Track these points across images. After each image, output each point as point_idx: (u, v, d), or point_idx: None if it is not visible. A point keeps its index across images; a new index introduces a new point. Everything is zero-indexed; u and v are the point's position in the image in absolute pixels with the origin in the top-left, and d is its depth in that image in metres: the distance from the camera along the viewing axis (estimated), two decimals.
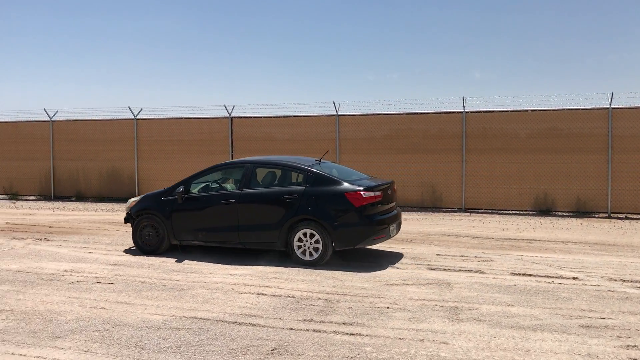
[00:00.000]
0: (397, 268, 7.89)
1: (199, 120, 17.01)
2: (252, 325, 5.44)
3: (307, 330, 5.27)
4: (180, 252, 9.05)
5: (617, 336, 5.02)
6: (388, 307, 5.98)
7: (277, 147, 16.06)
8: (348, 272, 7.62)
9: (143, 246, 9.05)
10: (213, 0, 44.85)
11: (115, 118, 17.91)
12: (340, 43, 43.21)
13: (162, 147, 17.34)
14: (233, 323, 5.50)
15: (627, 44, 36.52)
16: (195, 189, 8.91)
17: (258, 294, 6.58)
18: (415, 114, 14.98)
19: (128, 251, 9.31)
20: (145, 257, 8.74)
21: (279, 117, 16.23)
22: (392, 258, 8.56)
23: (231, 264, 8.20)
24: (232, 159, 16.49)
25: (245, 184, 8.55)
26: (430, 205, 14.75)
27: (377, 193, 8.11)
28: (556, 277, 7.28)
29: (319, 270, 7.73)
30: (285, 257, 8.48)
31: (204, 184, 9.00)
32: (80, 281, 7.27)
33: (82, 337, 5.13)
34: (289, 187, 8.35)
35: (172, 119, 17.32)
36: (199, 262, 8.35)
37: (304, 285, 6.92)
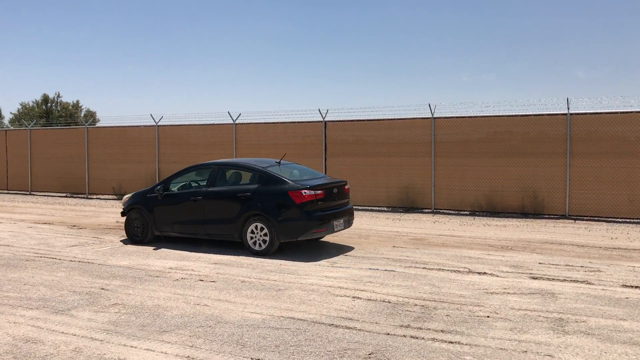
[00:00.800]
0: (496, 276, 7.62)
1: (294, 124, 17.33)
2: (349, 328, 5.45)
3: (405, 336, 5.21)
4: (280, 253, 9.25)
5: None
6: (488, 316, 5.79)
7: (369, 150, 16.02)
8: (444, 279, 7.46)
9: (132, 236, 10.54)
10: (308, 7, 45.70)
11: (215, 123, 18.63)
12: (435, 44, 42.56)
13: (258, 150, 17.81)
14: (330, 325, 5.54)
15: None
16: (174, 187, 10.31)
17: (353, 297, 6.58)
18: (515, 116, 14.41)
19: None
20: (244, 257, 9.01)
21: (372, 120, 16.19)
22: (489, 265, 8.28)
23: (327, 266, 8.28)
24: (325, 162, 16.66)
25: (211, 183, 9.87)
26: (531, 211, 14.12)
27: (319, 192, 9.19)
28: None
29: (414, 275, 7.62)
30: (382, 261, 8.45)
31: (182, 183, 10.40)
32: (184, 278, 7.62)
33: (187, 333, 5.37)
34: (244, 186, 9.60)
35: (268, 123, 17.77)
36: (295, 263, 8.50)
37: (400, 291, 6.85)
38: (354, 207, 16.09)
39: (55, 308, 6.27)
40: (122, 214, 10.77)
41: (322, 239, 10.60)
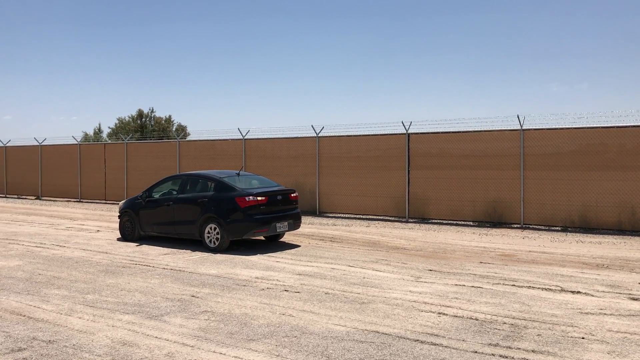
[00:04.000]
0: (592, 295, 7.22)
1: (376, 137, 17.30)
2: (434, 344, 5.35)
3: (493, 355, 5.05)
4: (352, 264, 9.24)
5: None
6: (583, 338, 5.50)
7: (454, 163, 15.69)
8: (535, 297, 7.15)
9: (124, 235, 12.58)
10: (392, 19, 45.64)
11: (299, 136, 18.96)
12: (522, 53, 41.18)
13: (341, 163, 17.93)
14: (415, 341, 5.47)
15: None
16: (156, 195, 12.18)
17: (439, 313, 6.46)
18: (610, 127, 13.66)
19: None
20: (328, 269, 9.07)
21: (457, 132, 15.86)
22: (584, 284, 7.86)
23: (411, 280, 8.18)
24: (408, 175, 16.50)
25: (181, 190, 11.83)
26: (629, 228, 13.29)
27: (261, 198, 10.84)
28: None
29: (502, 293, 7.37)
30: (463, 275, 8.23)
31: (162, 191, 12.20)
32: (270, 288, 7.78)
33: (273, 342, 5.47)
34: (204, 193, 11.39)
35: (350, 136, 17.85)
36: (379, 275, 8.45)
37: (487, 308, 6.65)
38: (440, 220, 15.86)
39: (149, 313, 6.58)
40: (119, 217, 12.74)
41: (408, 253, 10.48)
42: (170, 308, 6.80)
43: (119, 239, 12.73)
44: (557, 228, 14.06)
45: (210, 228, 10.99)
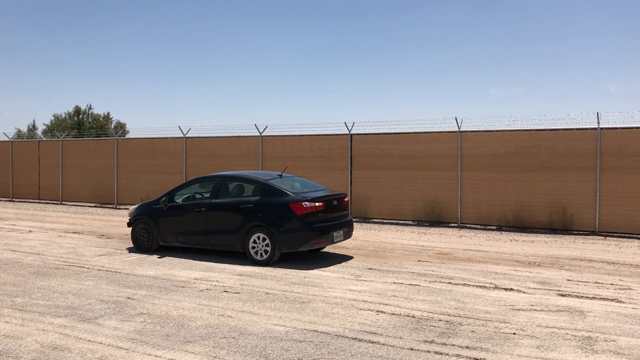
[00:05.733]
0: (523, 292, 7.50)
1: (319, 137, 17.38)
2: (372, 342, 5.41)
3: (429, 351, 5.15)
4: (297, 263, 9.27)
5: None
6: (514, 333, 5.70)
7: (395, 163, 15.96)
8: (470, 294, 7.37)
9: (138, 246, 10.77)
10: (335, 21, 45.98)
11: (242, 135, 18.81)
12: (463, 57, 42.35)
13: (284, 162, 17.86)
14: (353, 339, 5.52)
15: None
16: (179, 199, 10.54)
17: (377, 311, 6.55)
18: (543, 130, 14.22)
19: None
20: (269, 269, 9.04)
21: (398, 133, 16.13)
22: (517, 281, 8.15)
23: (351, 279, 8.25)
24: (350, 175, 16.65)
25: (215, 194, 10.13)
26: (560, 227, 13.87)
27: (319, 204, 9.42)
28: None
29: (439, 290, 7.55)
30: (401, 274, 8.40)
31: (186, 195, 10.60)
32: (209, 289, 7.67)
33: (211, 343, 5.40)
34: (247, 198, 9.86)
35: (294, 135, 17.85)
36: (320, 273, 8.49)
37: (424, 306, 6.79)
38: (381, 219, 16.10)
39: (82, 316, 6.36)
40: (129, 224, 11.07)
41: (349, 252, 10.58)
42: (104, 310, 6.60)
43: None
44: (492, 227, 14.52)
45: (258, 238, 9.46)
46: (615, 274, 8.74)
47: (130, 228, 11.06)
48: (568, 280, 8.29)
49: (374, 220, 16.11)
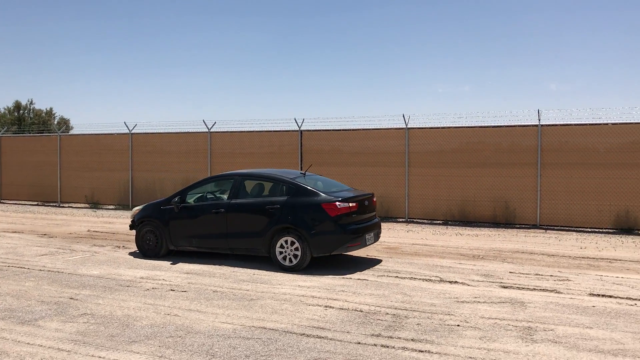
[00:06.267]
0: (467, 285, 7.70)
1: (269, 133, 17.33)
2: (320, 337, 5.45)
3: (375, 345, 5.23)
4: (248, 262, 9.22)
5: None
6: (458, 325, 5.84)
7: (345, 159, 16.10)
8: (416, 287, 7.51)
9: (145, 251, 9.86)
10: (282, 14, 45.85)
11: (190, 131, 18.53)
12: (411, 55, 43.00)
13: (234, 159, 17.76)
14: (301, 335, 5.53)
15: None
16: (190, 199, 9.70)
17: (326, 306, 6.59)
18: (487, 127, 14.63)
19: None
20: (217, 267, 8.95)
21: (347, 130, 16.27)
22: (461, 274, 8.37)
23: (300, 275, 8.27)
24: (301, 170, 16.63)
25: (234, 194, 9.31)
26: (503, 221, 14.31)
27: (352, 204, 8.73)
28: (639, 300, 6.88)
29: (386, 284, 7.66)
30: (351, 267, 8.49)
31: (199, 195, 9.79)
32: (155, 288, 7.54)
33: (157, 343, 5.31)
34: (272, 198, 9.06)
35: (243, 131, 17.73)
36: (268, 273, 8.47)
37: (372, 300, 6.88)
38: None
39: (21, 318, 6.14)
40: (132, 227, 10.20)
41: None
42: (45, 312, 6.39)
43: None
44: (438, 222, 14.83)
45: (285, 242, 8.69)
46: (555, 266, 9.07)
47: (134, 231, 10.17)
48: (510, 272, 8.55)
49: None
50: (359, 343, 5.28)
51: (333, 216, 8.50)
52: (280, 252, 8.74)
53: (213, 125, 17.97)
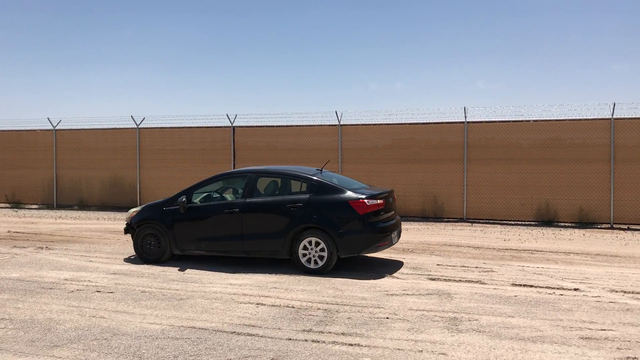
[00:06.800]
0: (397, 278, 7.87)
1: (201, 130, 17.06)
2: (251, 335, 5.42)
3: (306, 340, 5.25)
4: (180, 260, 9.06)
5: (617, 348, 4.99)
6: (387, 318, 5.96)
7: (280, 156, 16.09)
8: (348, 282, 7.60)
9: (145, 256, 9.07)
10: (215, 11, 45.12)
11: (117, 127, 17.98)
12: (344, 53, 43.37)
13: (164, 156, 17.38)
14: (231, 333, 5.48)
15: (630, 54, 36.56)
16: (196, 199, 8.98)
17: (257, 304, 6.56)
18: (417, 124, 15.00)
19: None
20: (146, 266, 8.74)
21: (281, 126, 16.27)
22: (392, 267, 8.54)
23: (232, 273, 8.20)
24: (234, 168, 16.50)
25: (249, 193, 8.64)
26: (432, 215, 14.72)
27: (380, 201, 8.25)
28: (557, 288, 7.25)
29: (318, 280, 7.72)
30: (283, 265, 8.50)
31: (205, 194, 9.09)
32: (80, 290, 7.27)
33: (80, 346, 5.12)
34: (293, 196, 8.46)
35: (174, 128, 17.38)
36: (199, 271, 8.34)
37: (304, 295, 6.91)
38: None
39: None
40: (127, 230, 9.37)
41: None
42: None
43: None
44: None
45: (309, 243, 8.16)
46: (480, 258, 9.42)
47: (129, 235, 9.46)
48: (438, 265, 8.81)
49: None
50: (290, 339, 5.29)
51: (362, 214, 8.04)
52: (304, 254, 8.20)
53: (142, 121, 17.50)
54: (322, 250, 8.12)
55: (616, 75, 37.92)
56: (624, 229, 13.10)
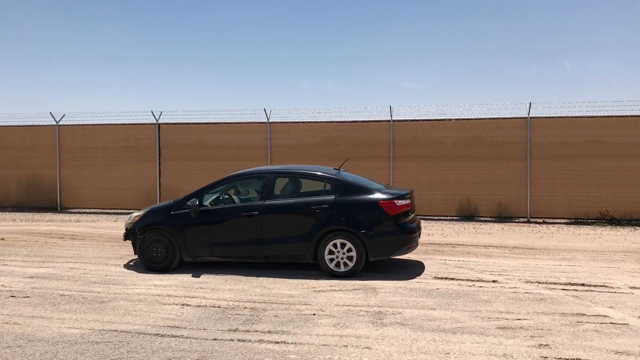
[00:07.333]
0: (325, 274, 7.94)
1: (125, 127, 16.55)
2: (175, 336, 5.32)
3: (232, 340, 5.21)
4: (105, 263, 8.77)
5: (531, 336, 5.25)
6: (314, 314, 6.01)
7: (209, 154, 15.87)
8: (276, 280, 7.60)
9: (151, 264, 8.36)
10: (141, 7, 43.83)
11: (35, 124, 17.13)
12: (275, 50, 43.26)
13: (87, 154, 16.74)
14: (155, 335, 5.36)
15: (545, 56, 38.51)
16: (207, 202, 8.43)
17: (182, 304, 6.45)
18: (345, 122, 15.18)
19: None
20: (65, 269, 8.39)
21: (209, 123, 16.03)
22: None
23: (156, 274, 8.01)
24: (159, 166, 16.12)
25: (267, 194, 8.21)
26: None
27: (408, 201, 8.07)
28: (477, 281, 7.55)
29: (246, 279, 7.68)
30: (210, 265, 8.40)
31: (216, 196, 8.55)
32: None
33: None
34: (318, 197, 8.09)
35: (96, 125, 16.75)
36: (123, 273, 8.10)
37: (231, 295, 6.85)
38: None
39: None
40: (127, 237, 8.63)
41: None
42: None
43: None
44: None
45: (336, 245, 7.85)
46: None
47: (130, 241, 8.80)
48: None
49: None
50: (216, 339, 5.24)
51: (392, 215, 7.80)
52: (331, 258, 7.89)
53: (62, 117, 16.77)
54: (349, 253, 7.84)
55: (533, 76, 39.85)
56: (539, 223, 13.80)
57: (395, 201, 7.87)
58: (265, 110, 15.33)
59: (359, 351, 4.88)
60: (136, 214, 8.76)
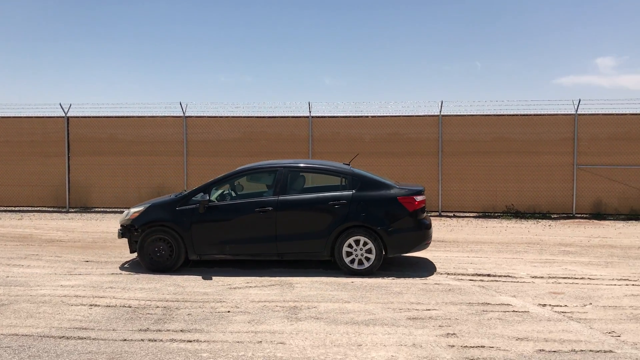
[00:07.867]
0: (242, 270, 7.88)
1: (30, 120, 15.66)
2: (82, 338, 5.10)
3: (143, 340, 5.06)
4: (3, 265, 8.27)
5: (440, 326, 5.46)
6: (229, 311, 5.95)
7: (121, 148, 15.32)
8: (190, 278, 7.46)
9: (153, 265, 7.91)
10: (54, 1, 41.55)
11: None
12: (193, 43, 42.34)
13: None
14: (60, 338, 5.12)
15: (458, 57, 40.07)
16: (213, 197, 8.05)
17: (91, 305, 6.19)
18: (265, 117, 15.12)
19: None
20: None
21: (122, 117, 15.47)
22: (235, 261, 8.53)
23: (64, 274, 7.65)
24: (68, 161, 15.39)
25: (281, 189, 7.92)
26: None
27: (424, 197, 8.06)
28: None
29: (159, 277, 7.48)
30: (127, 263, 8.12)
31: (221, 192, 8.23)
32: None
33: None
34: (335, 192, 7.89)
35: None
36: (26, 274, 7.67)
37: (142, 294, 6.65)
38: (104, 208, 15.26)
39: None
40: (124, 234, 8.11)
41: (65, 247, 9.77)
42: None
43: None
44: None
45: (355, 242, 7.68)
46: None
47: (127, 239, 8.15)
48: None
49: (96, 209, 15.33)
50: (126, 340, 5.07)
51: (411, 211, 7.72)
52: (349, 254, 7.73)
53: None
54: (368, 250, 7.71)
55: (446, 75, 41.36)
56: (450, 216, 14.36)
57: (414, 197, 7.84)
58: (181, 103, 15.01)
59: (272, 347, 4.88)
60: (134, 209, 8.20)
